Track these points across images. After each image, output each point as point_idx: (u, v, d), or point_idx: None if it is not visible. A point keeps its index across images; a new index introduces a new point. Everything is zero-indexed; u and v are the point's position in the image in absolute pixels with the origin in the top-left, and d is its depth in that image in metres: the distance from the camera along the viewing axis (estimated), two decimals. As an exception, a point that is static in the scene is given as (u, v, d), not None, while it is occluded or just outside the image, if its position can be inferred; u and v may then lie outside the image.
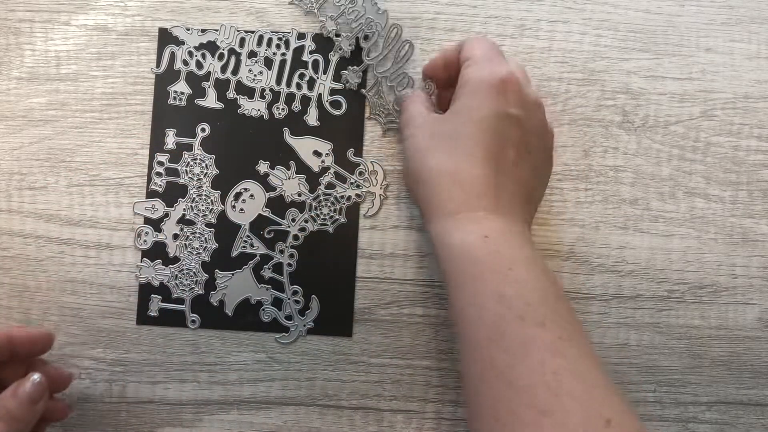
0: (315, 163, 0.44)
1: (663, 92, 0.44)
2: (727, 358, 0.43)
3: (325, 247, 0.43)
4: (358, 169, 0.43)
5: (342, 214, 0.43)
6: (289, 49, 0.44)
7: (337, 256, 0.43)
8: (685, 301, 0.43)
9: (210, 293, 0.43)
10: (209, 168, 0.44)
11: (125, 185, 0.44)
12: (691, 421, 0.43)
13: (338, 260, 0.43)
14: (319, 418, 0.43)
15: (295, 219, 0.43)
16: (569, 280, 0.43)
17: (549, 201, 0.43)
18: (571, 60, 0.44)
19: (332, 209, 0.43)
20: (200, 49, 0.44)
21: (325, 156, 0.44)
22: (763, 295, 0.43)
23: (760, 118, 0.44)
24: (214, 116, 0.44)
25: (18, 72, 0.44)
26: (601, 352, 0.43)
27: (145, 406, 0.43)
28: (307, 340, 0.43)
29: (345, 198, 0.43)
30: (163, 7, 0.44)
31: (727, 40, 0.44)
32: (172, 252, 0.43)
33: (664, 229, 0.43)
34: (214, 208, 0.43)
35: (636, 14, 0.44)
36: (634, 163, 0.44)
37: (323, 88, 0.44)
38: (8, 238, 0.43)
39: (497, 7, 0.44)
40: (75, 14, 0.44)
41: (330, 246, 0.43)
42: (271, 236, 0.43)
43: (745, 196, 0.44)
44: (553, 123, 0.43)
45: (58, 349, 0.43)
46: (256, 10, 0.44)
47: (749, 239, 0.43)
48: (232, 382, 0.43)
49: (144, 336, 0.43)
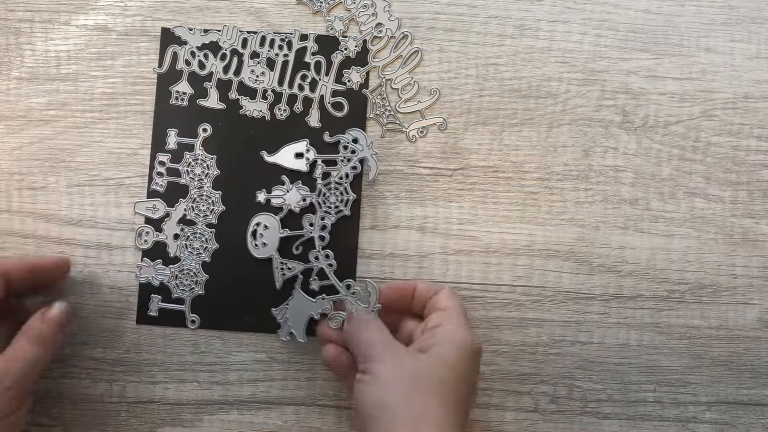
0: (301, 165, 0.44)
1: (663, 92, 0.44)
2: (727, 358, 0.43)
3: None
4: (340, 146, 0.43)
5: (349, 192, 0.43)
6: (292, 50, 0.44)
7: (337, 257, 0.43)
8: (685, 301, 0.43)
9: (278, 332, 0.42)
10: (210, 168, 0.44)
11: (125, 185, 0.44)
12: (691, 421, 0.43)
13: (338, 260, 0.43)
14: (319, 418, 0.43)
15: (312, 223, 0.43)
16: (569, 280, 0.43)
17: (549, 201, 0.44)
18: (571, 60, 0.44)
19: (338, 194, 0.43)
20: (203, 49, 0.44)
21: (307, 152, 0.43)
22: (763, 295, 0.43)
23: (760, 118, 0.44)
24: (216, 117, 0.44)
25: (18, 72, 0.44)
26: (601, 352, 0.43)
27: (145, 406, 0.43)
28: (307, 340, 0.43)
29: (344, 177, 0.43)
30: (163, 7, 0.44)
31: (727, 40, 0.44)
32: (173, 252, 0.43)
33: (664, 229, 0.43)
34: (215, 209, 0.43)
35: (636, 14, 0.44)
36: (634, 163, 0.44)
37: (325, 90, 0.44)
38: (8, 238, 0.43)
39: (497, 7, 0.44)
40: (75, 14, 0.44)
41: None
42: (300, 251, 0.43)
43: (745, 196, 0.44)
44: (553, 122, 0.43)
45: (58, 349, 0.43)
46: (256, 10, 0.44)
47: (749, 239, 0.43)
48: (232, 382, 0.43)
49: (144, 336, 0.43)
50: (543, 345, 0.43)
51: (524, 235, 0.43)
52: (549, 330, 0.43)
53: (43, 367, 0.38)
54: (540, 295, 0.43)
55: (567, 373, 0.43)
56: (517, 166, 0.44)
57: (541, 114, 0.44)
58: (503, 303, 0.43)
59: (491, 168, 0.44)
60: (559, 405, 0.43)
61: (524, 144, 0.44)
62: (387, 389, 0.36)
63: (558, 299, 0.43)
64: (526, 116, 0.44)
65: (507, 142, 0.44)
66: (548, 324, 0.43)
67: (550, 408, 0.43)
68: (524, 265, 0.43)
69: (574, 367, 0.43)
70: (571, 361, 0.43)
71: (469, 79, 0.44)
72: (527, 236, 0.43)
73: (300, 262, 0.43)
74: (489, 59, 0.44)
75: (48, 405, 0.43)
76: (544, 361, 0.43)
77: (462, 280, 0.43)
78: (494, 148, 0.44)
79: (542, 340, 0.43)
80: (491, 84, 0.44)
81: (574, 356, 0.43)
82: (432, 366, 0.36)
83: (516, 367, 0.43)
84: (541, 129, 0.44)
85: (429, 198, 0.44)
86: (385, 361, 0.36)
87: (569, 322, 0.43)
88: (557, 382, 0.43)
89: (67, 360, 0.43)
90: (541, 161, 0.44)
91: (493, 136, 0.44)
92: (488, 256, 0.43)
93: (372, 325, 0.39)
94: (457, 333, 0.38)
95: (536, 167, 0.44)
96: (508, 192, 0.44)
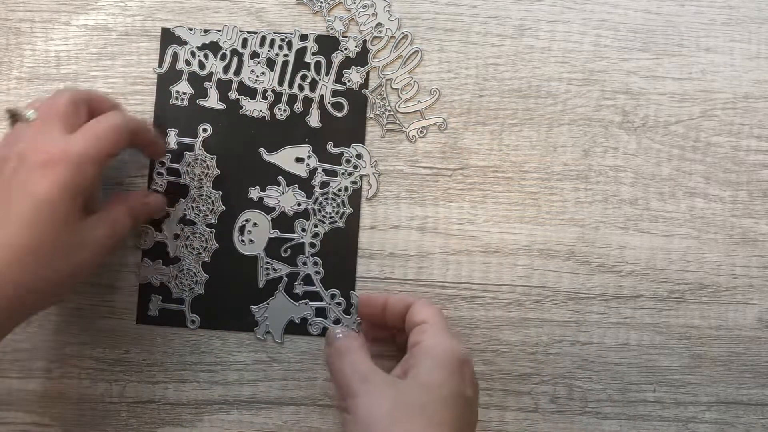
0: (301, 170, 0.44)
1: (663, 92, 0.44)
2: (727, 358, 0.43)
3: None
4: (343, 158, 0.43)
5: (346, 205, 0.43)
6: (292, 50, 0.44)
7: (337, 257, 0.43)
8: (685, 301, 0.43)
9: (255, 329, 0.43)
10: (210, 168, 0.44)
11: (125, 185, 0.44)
12: (691, 421, 0.43)
13: (338, 260, 0.43)
14: (319, 418, 0.43)
15: (305, 229, 0.43)
16: (569, 280, 0.43)
17: (549, 201, 0.44)
18: (571, 60, 0.44)
19: (335, 205, 0.43)
20: (203, 49, 0.44)
21: (308, 158, 0.44)
22: (763, 295, 0.43)
23: (760, 118, 0.44)
24: (216, 117, 0.44)
25: (18, 72, 0.44)
26: (601, 352, 0.43)
27: (145, 406, 0.43)
28: (307, 340, 0.43)
29: (342, 189, 0.43)
30: (163, 7, 0.44)
31: (727, 40, 0.44)
32: (173, 252, 0.43)
33: (664, 229, 0.43)
34: (215, 209, 0.43)
35: (636, 14, 0.44)
36: (634, 163, 0.44)
37: (325, 90, 0.44)
38: (8, 238, 0.43)
39: (497, 7, 0.44)
40: (75, 14, 0.44)
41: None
42: (289, 254, 0.43)
43: (745, 196, 0.44)
44: (553, 122, 0.43)
45: (59, 349, 0.43)
46: (256, 10, 0.44)
47: (749, 239, 0.43)
48: (232, 382, 0.43)
49: (144, 336, 0.43)
50: (543, 345, 0.43)
51: (524, 235, 0.43)
52: (549, 330, 0.43)
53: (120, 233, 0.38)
54: (540, 295, 0.43)
55: (567, 373, 0.43)
56: (517, 166, 0.44)
57: (541, 114, 0.44)
58: (503, 303, 0.43)
59: (491, 168, 0.44)
60: (559, 405, 0.43)
61: (524, 144, 0.44)
62: (367, 427, 0.34)
63: (558, 299, 0.43)
64: (526, 116, 0.44)
65: (507, 142, 0.44)
66: (548, 324, 0.43)
67: (550, 408, 0.43)
68: (524, 265, 0.43)
69: (574, 367, 0.43)
70: (571, 361, 0.43)
71: (469, 79, 0.44)
72: (527, 236, 0.43)
73: (286, 265, 0.43)
74: (489, 59, 0.44)
75: (48, 405, 0.43)
76: (544, 361, 0.43)
77: (462, 280, 0.43)
78: (494, 148, 0.44)
79: (542, 340, 0.43)
80: (491, 84, 0.44)
81: (574, 356, 0.43)
82: (413, 391, 0.35)
83: (516, 367, 0.43)
84: (541, 129, 0.44)
85: (429, 198, 0.44)
86: (363, 396, 0.35)
87: (569, 322, 0.43)
88: (557, 382, 0.43)
89: (67, 360, 0.43)
90: (541, 161, 0.44)
91: (493, 136, 0.44)
92: (488, 256, 0.43)
93: (349, 357, 0.38)
94: (437, 347, 0.36)
95: (536, 167, 0.44)
96: (508, 192, 0.44)
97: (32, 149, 0.34)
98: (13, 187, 0.34)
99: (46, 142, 0.35)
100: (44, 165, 0.34)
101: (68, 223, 0.34)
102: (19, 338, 0.43)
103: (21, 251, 0.33)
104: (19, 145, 0.35)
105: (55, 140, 0.35)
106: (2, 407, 0.43)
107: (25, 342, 0.43)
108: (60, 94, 0.37)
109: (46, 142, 0.35)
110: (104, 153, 0.36)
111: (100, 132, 0.36)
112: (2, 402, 0.43)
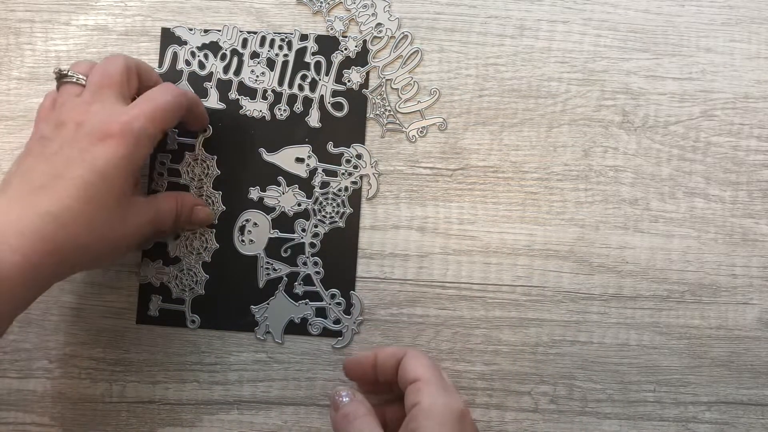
0: (301, 170, 0.44)
1: (663, 92, 0.44)
2: (727, 358, 0.43)
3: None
4: (343, 158, 0.43)
5: (346, 205, 0.43)
6: (292, 50, 0.44)
7: (338, 257, 0.43)
8: (685, 301, 0.43)
9: (255, 329, 0.43)
10: (211, 168, 0.44)
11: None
12: (691, 421, 0.43)
13: (338, 260, 0.43)
14: (319, 418, 0.43)
15: (305, 229, 0.43)
16: (569, 280, 0.43)
17: (549, 201, 0.44)
18: (571, 60, 0.44)
19: (335, 205, 0.43)
20: (203, 49, 0.44)
21: (308, 158, 0.44)
22: (763, 295, 0.43)
23: (760, 118, 0.44)
24: (216, 117, 0.44)
25: (18, 72, 0.44)
26: (601, 352, 0.43)
27: (145, 406, 0.43)
28: (307, 340, 0.43)
29: (342, 190, 0.43)
30: (163, 8, 0.44)
31: (727, 40, 0.44)
32: (173, 252, 0.43)
33: (664, 229, 0.43)
34: (216, 209, 0.43)
35: (636, 14, 0.44)
36: (634, 163, 0.44)
37: (325, 90, 0.44)
38: (8, 238, 0.43)
39: (497, 7, 0.44)
40: (75, 14, 0.44)
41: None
42: (289, 254, 0.43)
43: (745, 196, 0.44)
44: (553, 122, 0.43)
45: (59, 349, 0.43)
46: (256, 10, 0.44)
47: (749, 239, 0.43)
48: (232, 382, 0.43)
49: (144, 336, 0.43)
50: (543, 345, 0.43)
51: (524, 235, 0.43)
52: (549, 330, 0.43)
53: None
54: (540, 295, 0.43)
55: (567, 373, 0.43)
56: (517, 166, 0.44)
57: (541, 114, 0.44)
58: (503, 303, 0.43)
59: (491, 168, 0.44)
60: (559, 405, 0.43)
61: (524, 144, 0.44)
62: None
63: (558, 299, 0.43)
64: (526, 116, 0.44)
65: (507, 142, 0.44)
66: (548, 324, 0.43)
67: (550, 408, 0.43)
68: (524, 265, 0.43)
69: (574, 367, 0.43)
70: (571, 361, 0.43)
71: (469, 79, 0.44)
72: (527, 236, 0.43)
73: (286, 265, 0.43)
74: (489, 59, 0.44)
75: (48, 405, 0.43)
76: (544, 361, 0.43)
77: (462, 280, 0.43)
78: (494, 148, 0.44)
79: (542, 340, 0.43)
80: (491, 84, 0.44)
81: (574, 356, 0.43)
82: None
83: (516, 367, 0.43)
84: (541, 129, 0.44)
85: (429, 198, 0.44)
86: None
87: (569, 322, 0.43)
88: (557, 382, 0.43)
89: (67, 360, 0.43)
90: (541, 161, 0.44)
91: (493, 136, 0.44)
92: (488, 256, 0.43)
93: (357, 425, 0.36)
94: (436, 407, 0.35)
95: (536, 167, 0.44)
96: (508, 192, 0.44)
97: (91, 119, 0.34)
98: (70, 155, 0.34)
99: (104, 112, 0.35)
100: (104, 137, 0.34)
101: (119, 198, 0.35)
102: (19, 338, 0.43)
103: (69, 219, 0.33)
104: (76, 111, 0.35)
105: (114, 112, 0.35)
106: (2, 407, 0.43)
107: (25, 342, 0.43)
108: (113, 61, 0.37)
109: (104, 113, 0.35)
110: (161, 130, 0.36)
111: (159, 108, 0.36)
112: (2, 402, 0.43)
